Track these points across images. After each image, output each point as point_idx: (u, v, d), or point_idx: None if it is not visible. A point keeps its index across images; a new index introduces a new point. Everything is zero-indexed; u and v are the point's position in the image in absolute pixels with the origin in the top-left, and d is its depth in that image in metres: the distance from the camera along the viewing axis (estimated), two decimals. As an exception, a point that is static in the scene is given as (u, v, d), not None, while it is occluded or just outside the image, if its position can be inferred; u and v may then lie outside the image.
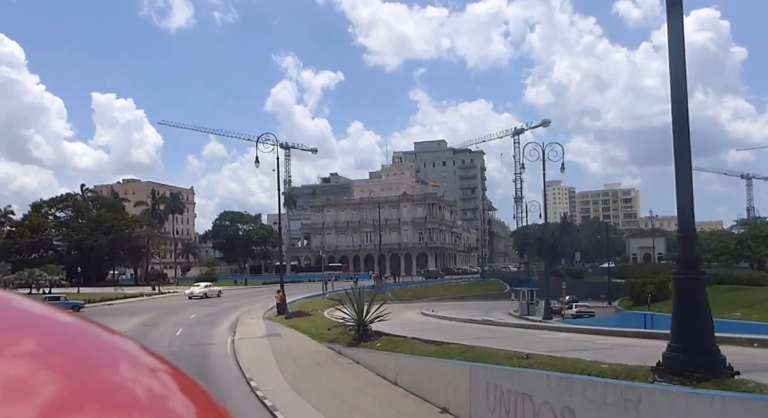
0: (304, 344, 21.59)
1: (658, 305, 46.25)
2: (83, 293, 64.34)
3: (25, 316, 0.72)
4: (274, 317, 32.08)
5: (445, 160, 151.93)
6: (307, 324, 26.10)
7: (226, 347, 21.90)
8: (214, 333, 26.35)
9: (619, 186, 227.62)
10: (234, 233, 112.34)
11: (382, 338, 18.40)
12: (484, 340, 17.15)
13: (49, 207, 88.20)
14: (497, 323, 25.63)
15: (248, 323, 29.20)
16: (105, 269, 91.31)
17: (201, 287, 56.09)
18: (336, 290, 56.64)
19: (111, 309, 42.90)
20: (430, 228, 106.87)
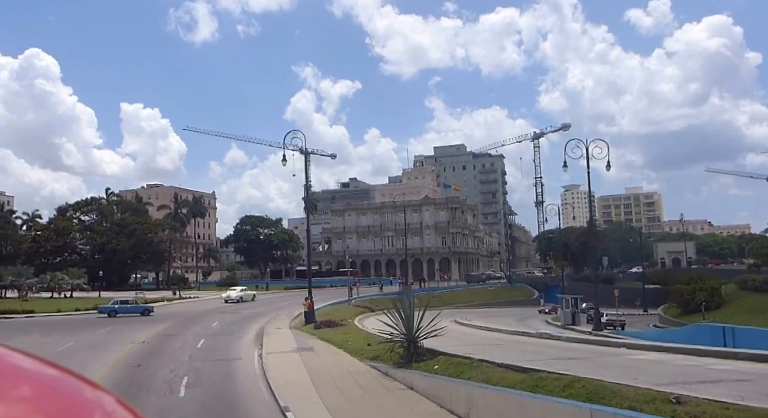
0: (343, 361, 18.48)
1: (711, 313, 42.52)
2: (104, 297, 62.12)
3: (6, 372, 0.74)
4: (302, 327, 29.07)
5: (465, 165, 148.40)
6: (341, 337, 23.02)
7: (253, 364, 18.89)
8: (239, 345, 23.39)
9: (641, 190, 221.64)
10: (255, 237, 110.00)
11: (438, 358, 15.25)
12: (563, 362, 13.92)
13: (75, 211, 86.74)
14: (557, 337, 22.26)
15: (275, 334, 26.19)
16: (127, 272, 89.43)
17: (237, 290, 56.05)
18: (361, 297, 53.75)
19: (131, 315, 40.28)
20: (453, 232, 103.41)
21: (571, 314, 39.38)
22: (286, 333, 26.76)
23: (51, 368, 0.84)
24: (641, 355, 15.70)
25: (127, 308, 40.16)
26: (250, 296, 54.66)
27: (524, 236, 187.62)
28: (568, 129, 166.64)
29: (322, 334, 24.66)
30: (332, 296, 55.90)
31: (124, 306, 40.69)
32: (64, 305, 44.88)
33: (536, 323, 49.08)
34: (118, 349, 22.40)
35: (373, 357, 18.09)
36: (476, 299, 73.84)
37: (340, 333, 24.30)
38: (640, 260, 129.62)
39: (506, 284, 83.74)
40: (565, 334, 23.93)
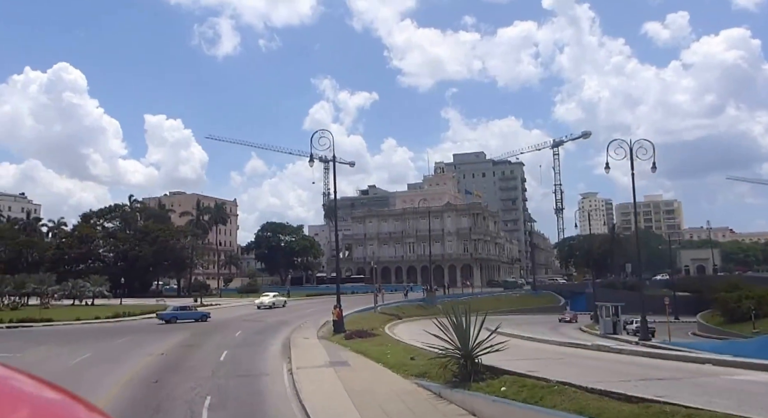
0: (384, 378, 15.98)
1: (762, 322, 39.22)
2: (126, 304, 60.46)
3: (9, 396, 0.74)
4: (332, 337, 26.65)
5: (485, 172, 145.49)
6: (377, 348, 20.52)
7: (283, 381, 16.48)
8: (265, 358, 21.02)
9: (661, 198, 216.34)
10: (276, 244, 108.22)
11: (503, 377, 12.70)
12: (660, 386, 11.31)
13: (98, 218, 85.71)
14: (618, 350, 19.49)
15: (303, 345, 23.78)
16: (149, 279, 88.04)
17: (270, 296, 56.14)
18: (387, 304, 51.22)
19: (150, 324, 38.26)
20: (474, 239, 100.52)
21: (612, 323, 36.38)
22: (314, 344, 24.34)
23: (51, 391, 0.83)
24: (745, 375, 12.97)
25: (185, 314, 39.20)
26: (281, 302, 54.99)
27: (543, 243, 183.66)
28: (589, 137, 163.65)
29: (355, 345, 22.18)
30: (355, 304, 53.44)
31: (184, 312, 39.77)
32: (84, 313, 43.06)
33: (570, 332, 46.11)
34: (135, 362, 20.18)
35: (420, 374, 15.60)
36: (501, 306, 70.77)
37: (375, 344, 21.81)
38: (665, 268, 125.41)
39: (531, 292, 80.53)
40: (625, 346, 21.12)
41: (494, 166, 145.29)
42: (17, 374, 0.83)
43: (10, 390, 0.78)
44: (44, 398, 0.81)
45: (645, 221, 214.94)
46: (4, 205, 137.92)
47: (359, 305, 55.37)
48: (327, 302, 61.89)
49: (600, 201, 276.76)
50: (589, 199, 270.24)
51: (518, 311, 71.12)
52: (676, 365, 15.10)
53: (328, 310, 47.33)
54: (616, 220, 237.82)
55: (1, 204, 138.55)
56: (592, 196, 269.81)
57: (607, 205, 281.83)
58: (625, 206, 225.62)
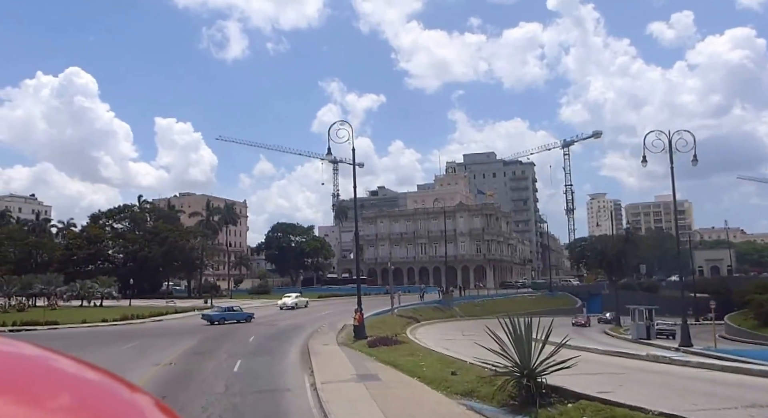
0: (424, 397, 13.65)
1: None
2: (135, 306, 58.50)
3: (49, 374, 0.76)
4: (353, 343, 24.35)
5: (495, 172, 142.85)
6: (408, 360, 18.20)
7: (307, 399, 14.20)
8: (284, 370, 18.77)
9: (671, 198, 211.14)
10: (286, 245, 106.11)
11: (580, 402, 10.37)
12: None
13: (107, 218, 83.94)
14: (682, 362, 17.06)
15: (324, 353, 21.50)
16: (159, 280, 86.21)
17: (292, 297, 55.12)
18: (403, 306, 48.91)
19: (159, 327, 36.18)
20: (487, 240, 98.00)
21: (645, 327, 33.86)
22: (336, 352, 22.06)
23: (93, 372, 0.84)
24: None
25: (233, 315, 38.41)
26: (303, 303, 54.11)
27: (554, 244, 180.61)
28: (600, 136, 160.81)
29: (382, 354, 19.87)
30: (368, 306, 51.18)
31: (231, 313, 38.86)
32: (91, 315, 41.07)
33: (597, 336, 43.61)
34: (140, 374, 17.97)
35: (466, 393, 13.26)
36: (518, 308, 68.13)
37: (404, 354, 19.49)
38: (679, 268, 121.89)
39: (547, 293, 77.89)
40: (689, 358, 18.66)
41: (505, 167, 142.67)
42: (57, 356, 0.84)
43: (52, 372, 0.78)
44: (86, 379, 0.81)
45: (655, 222, 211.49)
46: (15, 207, 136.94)
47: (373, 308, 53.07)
48: (340, 303, 59.87)
49: (609, 202, 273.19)
50: (597, 200, 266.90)
51: (535, 313, 68.51)
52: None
53: (344, 312, 45.22)
54: (626, 220, 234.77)
55: (12, 206, 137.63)
56: (600, 197, 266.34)
57: (616, 206, 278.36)
58: (635, 207, 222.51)
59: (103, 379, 0.82)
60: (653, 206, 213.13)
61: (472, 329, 42.19)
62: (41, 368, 0.78)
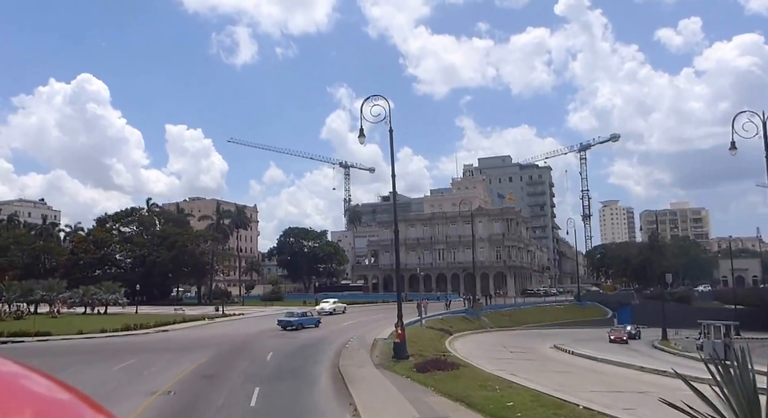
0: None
1: None
2: (141, 313, 54.16)
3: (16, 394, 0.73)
4: (395, 365, 19.60)
5: (511, 176, 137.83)
6: (483, 394, 13.43)
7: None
8: (316, 404, 14.13)
9: (687, 206, 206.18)
10: (299, 250, 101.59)
11: None
12: None
13: (114, 222, 79.91)
14: None
15: (363, 380, 16.79)
16: (168, 286, 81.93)
17: (330, 303, 52.33)
18: (431, 316, 44.16)
19: (164, 339, 31.68)
20: (508, 245, 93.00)
21: (723, 346, 28.89)
22: (377, 378, 17.35)
23: (63, 392, 0.81)
24: None
25: (308, 321, 37.24)
26: (341, 309, 51.22)
27: (569, 251, 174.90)
28: (617, 140, 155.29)
29: (441, 384, 15.10)
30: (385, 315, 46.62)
31: (307, 318, 37.61)
32: (90, 325, 36.67)
33: (652, 353, 38.47)
34: (129, 407, 13.38)
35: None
36: (546, 318, 63.38)
37: (473, 385, 14.72)
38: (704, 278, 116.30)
39: (576, 302, 72.68)
40: None
41: (521, 171, 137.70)
42: (29, 372, 0.80)
43: (18, 389, 0.75)
44: (52, 398, 0.78)
45: (671, 230, 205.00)
46: (24, 212, 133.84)
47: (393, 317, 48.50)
48: (361, 311, 55.11)
49: (621, 209, 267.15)
50: (610, 208, 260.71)
51: (564, 324, 63.52)
52: None
53: (368, 323, 40.55)
54: (640, 228, 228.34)
55: (22, 211, 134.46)
56: (613, 205, 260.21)
57: (629, 214, 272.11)
58: (651, 214, 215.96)
59: (69, 398, 0.79)
60: (669, 214, 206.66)
61: (513, 343, 37.28)
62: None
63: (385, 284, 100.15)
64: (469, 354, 25.86)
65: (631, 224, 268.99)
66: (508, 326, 55.48)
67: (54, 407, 0.76)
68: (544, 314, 64.46)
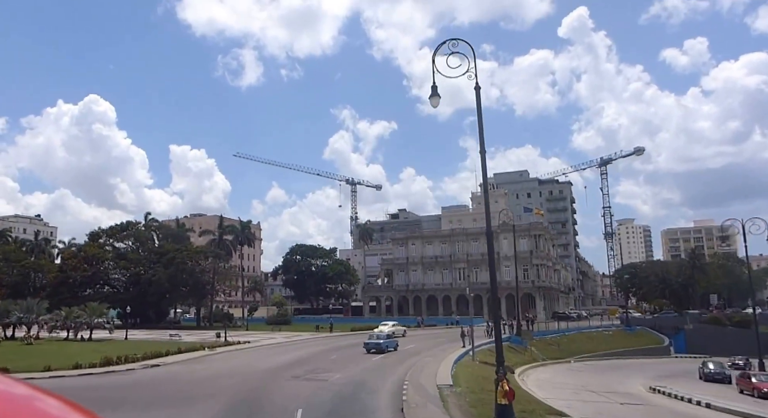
0: None
1: None
2: (132, 339, 47.14)
3: None
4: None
5: (530, 192, 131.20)
6: None
7: None
8: None
9: (713, 223, 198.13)
10: (306, 269, 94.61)
11: None
12: None
13: (108, 237, 73.25)
14: None
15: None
16: (165, 307, 74.94)
17: (389, 326, 48.40)
18: (481, 346, 36.90)
19: (152, 380, 24.71)
20: (536, 264, 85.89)
21: None
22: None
23: (78, 414, 0.84)
24: None
25: (391, 343, 37.09)
26: (401, 332, 46.91)
27: (590, 271, 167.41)
28: (642, 153, 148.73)
29: None
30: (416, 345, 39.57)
31: (389, 341, 37.24)
32: (64, 357, 29.82)
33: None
34: None
35: None
36: (598, 346, 56.06)
37: None
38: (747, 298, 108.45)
39: (625, 328, 65.19)
40: None
41: (541, 186, 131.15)
42: (42, 395, 0.82)
43: (33, 411, 0.78)
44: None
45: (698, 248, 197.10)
46: (20, 228, 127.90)
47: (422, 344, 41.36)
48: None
49: (637, 228, 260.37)
50: (625, 226, 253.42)
51: (620, 353, 56.17)
52: None
53: (405, 354, 33.62)
54: (663, 246, 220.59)
55: (17, 226, 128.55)
56: (628, 223, 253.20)
57: (645, 232, 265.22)
58: (674, 232, 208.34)
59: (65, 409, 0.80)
60: (693, 232, 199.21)
61: (592, 382, 30.23)
62: None
63: (399, 306, 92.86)
64: (567, 405, 18.82)
65: (648, 243, 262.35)
66: (561, 357, 48.25)
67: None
68: (594, 342, 57.16)
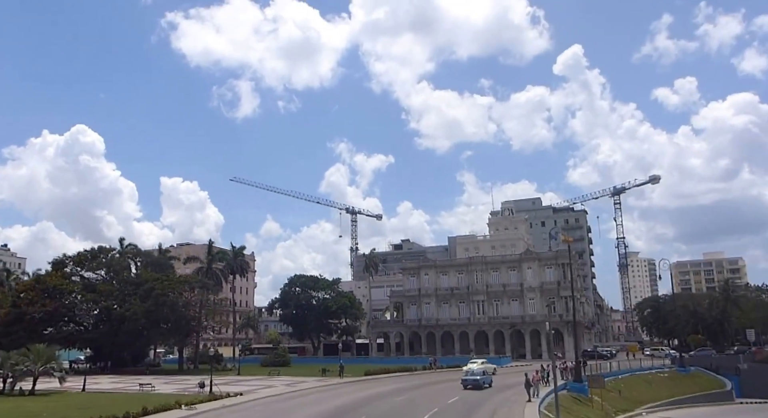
0: None
1: None
2: (90, 390, 36.56)
3: None
4: None
5: (545, 220, 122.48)
6: None
7: None
8: None
9: (722, 255, 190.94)
10: (306, 302, 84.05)
11: None
12: None
13: (76, 265, 62.77)
14: None
15: None
16: (142, 347, 63.89)
17: (478, 363, 45.76)
18: (545, 398, 26.77)
19: None
20: (564, 296, 76.09)
21: None
22: None
23: None
24: None
25: (487, 379, 36.86)
26: (491, 370, 43.33)
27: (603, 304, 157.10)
28: (658, 182, 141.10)
29: None
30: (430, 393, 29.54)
31: (486, 377, 37.15)
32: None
33: None
34: None
35: None
36: (659, 392, 46.02)
37: None
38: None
39: (679, 369, 55.20)
40: None
41: (555, 214, 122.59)
42: None
43: None
44: None
45: (707, 281, 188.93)
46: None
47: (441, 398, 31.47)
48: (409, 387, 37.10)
49: (641, 261, 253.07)
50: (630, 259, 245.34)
51: (684, 400, 46.26)
52: None
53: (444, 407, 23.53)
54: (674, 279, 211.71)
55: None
56: (633, 256, 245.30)
57: (650, 265, 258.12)
58: (684, 265, 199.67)
59: None
60: (704, 264, 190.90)
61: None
62: None
63: (410, 343, 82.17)
64: None
65: (652, 277, 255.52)
66: (626, 408, 38.26)
67: None
68: (654, 388, 47.10)
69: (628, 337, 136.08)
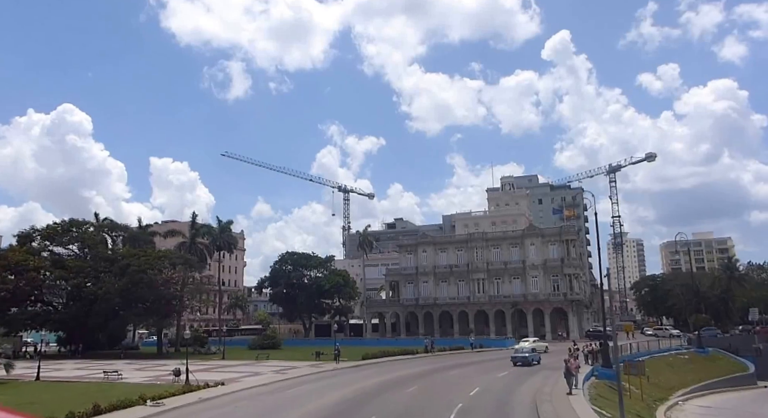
0: None
1: None
2: (44, 379, 30.83)
3: None
4: None
5: (542, 198, 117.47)
6: None
7: None
8: None
9: (711, 235, 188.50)
10: (298, 281, 78.45)
11: None
12: None
13: (44, 239, 56.39)
14: None
15: None
16: (118, 328, 58.01)
17: (530, 342, 44.54)
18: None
19: None
20: (568, 274, 71.39)
21: None
22: None
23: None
24: None
25: (535, 357, 36.83)
26: (542, 348, 43.60)
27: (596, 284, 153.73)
28: (654, 159, 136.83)
29: None
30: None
31: (534, 354, 37.23)
32: None
33: None
34: None
35: None
36: (685, 377, 41.36)
37: None
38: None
39: (697, 350, 50.65)
40: None
41: (552, 192, 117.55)
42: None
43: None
44: None
45: (697, 261, 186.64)
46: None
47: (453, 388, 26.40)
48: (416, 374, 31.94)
49: (631, 241, 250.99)
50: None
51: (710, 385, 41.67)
52: None
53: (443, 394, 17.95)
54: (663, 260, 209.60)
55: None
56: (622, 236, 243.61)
57: (638, 246, 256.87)
58: (671, 245, 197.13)
59: None
60: (693, 244, 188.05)
61: None
62: None
63: (407, 323, 77.21)
64: None
65: (641, 257, 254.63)
66: (661, 395, 33.43)
67: None
68: (679, 371, 42.37)
69: (622, 317, 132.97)
